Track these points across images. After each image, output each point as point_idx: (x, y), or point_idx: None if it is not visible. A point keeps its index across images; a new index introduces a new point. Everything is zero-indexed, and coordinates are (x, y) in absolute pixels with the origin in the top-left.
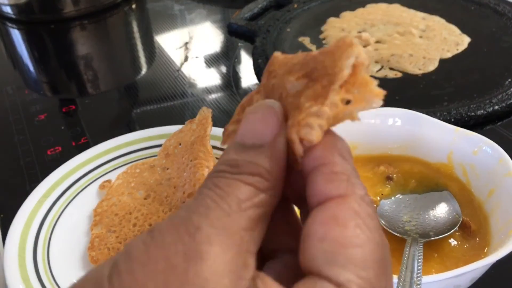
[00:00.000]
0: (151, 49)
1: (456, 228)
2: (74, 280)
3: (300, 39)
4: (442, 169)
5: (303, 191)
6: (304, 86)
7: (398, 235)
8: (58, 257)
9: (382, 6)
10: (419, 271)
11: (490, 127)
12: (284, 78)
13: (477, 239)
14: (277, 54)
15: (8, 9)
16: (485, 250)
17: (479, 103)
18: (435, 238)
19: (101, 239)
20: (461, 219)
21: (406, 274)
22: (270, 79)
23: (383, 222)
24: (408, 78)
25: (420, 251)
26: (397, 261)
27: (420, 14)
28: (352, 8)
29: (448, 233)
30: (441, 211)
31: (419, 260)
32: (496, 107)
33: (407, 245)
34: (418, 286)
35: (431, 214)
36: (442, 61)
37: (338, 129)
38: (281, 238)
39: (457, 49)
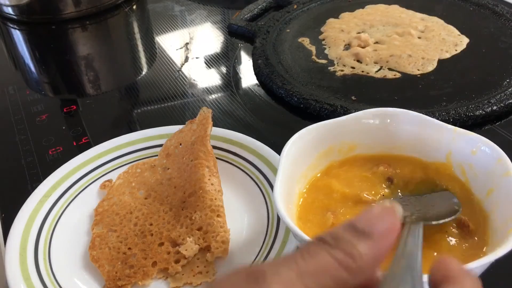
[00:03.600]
0: (152, 50)
1: (455, 216)
2: (75, 279)
3: (300, 39)
4: (441, 169)
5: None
6: None
7: None
8: (59, 256)
9: (381, 7)
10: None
11: (489, 127)
12: None
13: (476, 238)
14: None
15: (9, 10)
16: (484, 249)
17: (478, 103)
18: (436, 222)
19: (102, 238)
20: (460, 210)
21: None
22: None
23: None
24: (407, 79)
25: (420, 236)
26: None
27: (419, 15)
28: (351, 9)
29: (448, 218)
30: (442, 207)
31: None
32: (495, 107)
33: (404, 230)
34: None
35: (431, 210)
36: (441, 62)
37: (337, 128)
38: None
39: (456, 50)
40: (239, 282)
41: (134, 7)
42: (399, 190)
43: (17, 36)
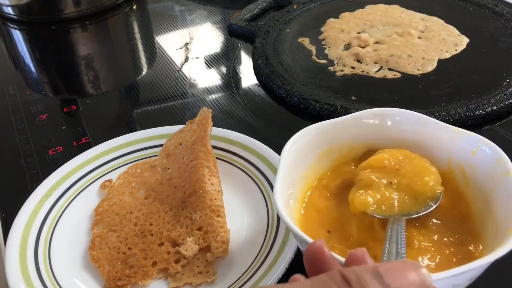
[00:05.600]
0: (152, 50)
1: (436, 205)
2: (75, 279)
3: (300, 39)
4: (444, 179)
5: None
6: None
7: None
8: (59, 256)
9: (381, 7)
10: (402, 243)
11: (489, 127)
12: None
13: (475, 239)
14: None
15: (9, 10)
16: (481, 249)
17: (478, 103)
18: (416, 215)
19: (102, 238)
20: (441, 198)
21: (390, 246)
22: None
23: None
24: (407, 79)
25: (403, 226)
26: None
27: (419, 15)
28: (351, 9)
29: (430, 209)
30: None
31: (402, 233)
32: (495, 107)
33: (389, 223)
34: (402, 257)
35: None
36: (441, 62)
37: (337, 128)
38: None
39: (456, 50)
40: None
41: (134, 7)
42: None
43: (17, 36)
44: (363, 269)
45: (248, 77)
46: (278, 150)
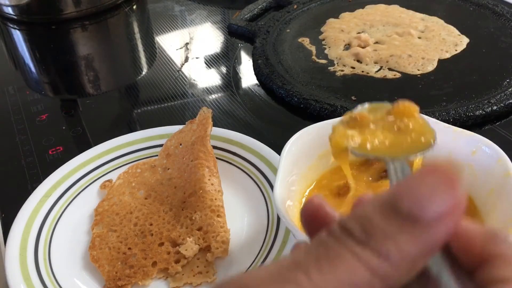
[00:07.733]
0: (152, 50)
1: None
2: (75, 279)
3: (300, 39)
4: None
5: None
6: None
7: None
8: (59, 256)
9: (381, 7)
10: None
11: (489, 127)
12: None
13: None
14: None
15: (9, 10)
16: None
17: (478, 103)
18: (415, 156)
19: (102, 238)
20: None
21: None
22: None
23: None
24: (407, 79)
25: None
26: None
27: (419, 15)
28: (351, 9)
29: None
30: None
31: None
32: (495, 107)
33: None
34: None
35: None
36: (441, 62)
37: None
38: None
39: (456, 50)
40: None
41: (134, 7)
42: None
43: (17, 36)
44: (369, 208)
45: (248, 77)
46: (278, 150)
